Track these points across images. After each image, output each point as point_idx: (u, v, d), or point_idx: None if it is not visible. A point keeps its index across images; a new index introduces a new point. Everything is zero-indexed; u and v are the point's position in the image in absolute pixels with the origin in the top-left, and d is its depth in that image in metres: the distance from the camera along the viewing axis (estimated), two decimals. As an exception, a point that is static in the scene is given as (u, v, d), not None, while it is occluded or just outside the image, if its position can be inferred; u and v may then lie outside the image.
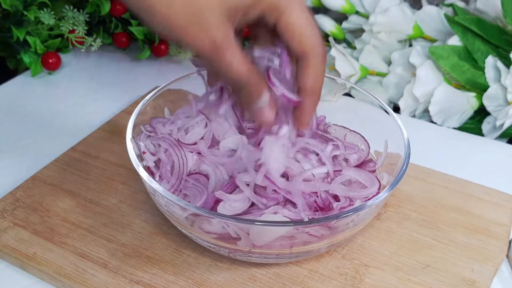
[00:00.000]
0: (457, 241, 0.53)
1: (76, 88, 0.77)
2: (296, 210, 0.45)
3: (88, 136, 0.64)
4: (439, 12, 0.76)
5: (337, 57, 0.72)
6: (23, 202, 0.55)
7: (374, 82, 0.77)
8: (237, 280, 0.48)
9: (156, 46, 0.80)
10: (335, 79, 0.61)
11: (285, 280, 0.48)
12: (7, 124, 0.69)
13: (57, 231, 0.52)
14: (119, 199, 0.56)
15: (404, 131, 0.51)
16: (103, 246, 0.50)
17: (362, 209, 0.44)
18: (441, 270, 0.50)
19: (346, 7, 0.77)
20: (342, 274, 0.49)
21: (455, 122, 0.72)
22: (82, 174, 0.58)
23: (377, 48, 0.76)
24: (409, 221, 0.54)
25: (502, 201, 0.57)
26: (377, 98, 0.55)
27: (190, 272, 0.48)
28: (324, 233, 0.45)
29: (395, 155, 0.51)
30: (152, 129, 0.53)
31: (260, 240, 0.43)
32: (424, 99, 0.72)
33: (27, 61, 0.76)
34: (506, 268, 0.53)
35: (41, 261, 0.49)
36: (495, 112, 0.70)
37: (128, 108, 0.69)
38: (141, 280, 0.47)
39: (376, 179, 0.49)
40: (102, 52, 0.84)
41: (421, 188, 0.58)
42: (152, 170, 0.51)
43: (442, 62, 0.71)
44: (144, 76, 0.79)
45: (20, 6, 0.72)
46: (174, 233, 0.52)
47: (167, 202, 0.45)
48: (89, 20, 0.78)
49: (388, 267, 0.50)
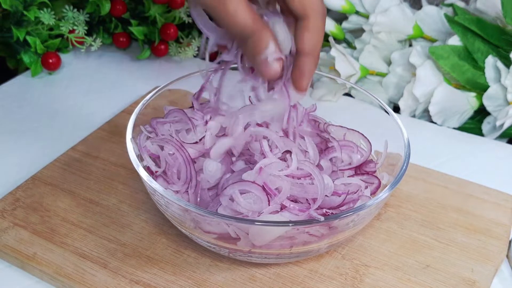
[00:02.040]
0: (457, 241, 0.53)
1: (76, 88, 0.77)
2: (296, 211, 0.45)
3: (88, 136, 0.64)
4: (439, 12, 0.76)
5: (337, 57, 0.72)
6: (23, 202, 0.55)
7: (374, 82, 0.77)
8: (237, 280, 0.48)
9: (156, 46, 0.80)
10: (335, 79, 0.61)
11: (285, 280, 0.48)
12: (7, 124, 0.69)
13: (57, 231, 0.52)
14: (119, 199, 0.56)
15: (404, 131, 0.51)
16: (103, 246, 0.50)
17: (362, 209, 0.44)
18: (441, 270, 0.50)
19: (346, 7, 0.77)
20: (342, 274, 0.49)
21: (455, 122, 0.72)
22: (82, 174, 0.59)
23: (377, 48, 0.76)
24: (409, 221, 0.55)
25: (502, 201, 0.57)
26: (377, 98, 0.55)
27: (190, 272, 0.48)
28: (324, 233, 0.45)
29: (395, 155, 0.51)
30: (152, 129, 0.53)
31: (259, 240, 0.43)
32: (424, 99, 0.72)
33: (27, 61, 0.76)
34: (506, 268, 0.53)
35: (41, 261, 0.49)
36: (495, 112, 0.70)
37: (128, 108, 0.69)
38: (141, 280, 0.47)
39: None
40: (102, 52, 0.84)
41: (421, 188, 0.58)
42: (152, 170, 0.51)
43: (442, 62, 0.71)
44: (144, 76, 0.79)
45: (20, 6, 0.72)
46: (174, 233, 0.52)
47: (167, 202, 0.45)
48: (89, 20, 0.78)
49: (388, 267, 0.50)
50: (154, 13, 0.78)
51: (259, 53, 0.42)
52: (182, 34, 0.81)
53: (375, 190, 0.50)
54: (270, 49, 0.42)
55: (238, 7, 0.40)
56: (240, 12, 0.40)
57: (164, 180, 0.49)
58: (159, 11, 0.78)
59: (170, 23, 0.78)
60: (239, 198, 0.44)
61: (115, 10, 0.78)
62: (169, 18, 0.79)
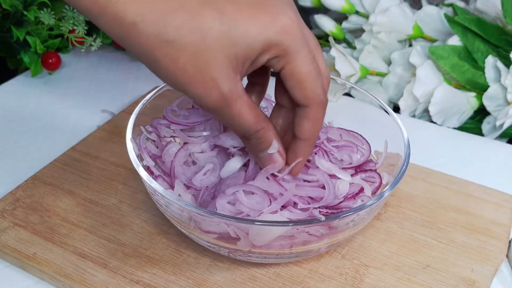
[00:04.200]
0: (457, 241, 0.53)
1: (76, 88, 0.77)
2: (296, 211, 0.45)
3: (88, 136, 0.64)
4: (439, 12, 0.76)
5: (337, 57, 0.72)
6: (23, 202, 0.55)
7: (374, 82, 0.77)
8: (237, 280, 0.48)
9: (156, 46, 0.80)
10: (335, 79, 0.61)
11: (285, 280, 0.48)
12: (7, 124, 0.69)
13: (57, 231, 0.52)
14: (119, 199, 0.56)
15: (404, 131, 0.51)
16: (103, 246, 0.50)
17: (362, 209, 0.44)
18: (441, 270, 0.50)
19: (346, 7, 0.77)
20: (342, 274, 0.49)
21: (455, 122, 0.72)
22: (82, 174, 0.59)
23: (377, 48, 0.76)
24: (409, 221, 0.54)
25: (502, 201, 0.57)
26: (377, 98, 0.55)
27: (190, 272, 0.48)
28: (324, 233, 0.45)
29: (395, 155, 0.51)
30: (153, 129, 0.53)
31: (259, 240, 0.43)
32: (424, 99, 0.72)
33: (27, 61, 0.76)
34: (506, 268, 0.53)
35: (41, 261, 0.49)
36: (495, 112, 0.70)
37: (128, 108, 0.69)
38: (141, 280, 0.47)
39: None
40: (102, 52, 0.84)
41: (421, 188, 0.58)
42: (152, 170, 0.51)
43: (442, 62, 0.71)
44: (144, 76, 0.79)
45: (20, 6, 0.72)
46: (174, 233, 0.52)
47: (167, 202, 0.45)
48: (89, 20, 0.78)
49: (388, 267, 0.50)
50: (154, 13, 0.78)
51: (262, 150, 0.43)
52: (182, 34, 0.81)
53: (375, 190, 0.50)
54: (273, 145, 0.43)
55: (242, 108, 0.39)
56: (244, 113, 0.40)
57: (164, 180, 0.49)
58: (159, 11, 0.78)
59: (170, 23, 0.78)
60: (242, 197, 0.44)
61: (115, 10, 0.78)
62: (169, 18, 0.79)
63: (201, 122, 0.51)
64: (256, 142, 0.43)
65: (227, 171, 0.47)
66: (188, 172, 0.49)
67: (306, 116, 0.42)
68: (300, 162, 0.45)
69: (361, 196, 0.48)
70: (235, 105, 0.39)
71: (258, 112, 0.41)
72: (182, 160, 0.50)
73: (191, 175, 0.49)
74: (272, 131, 0.43)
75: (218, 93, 0.38)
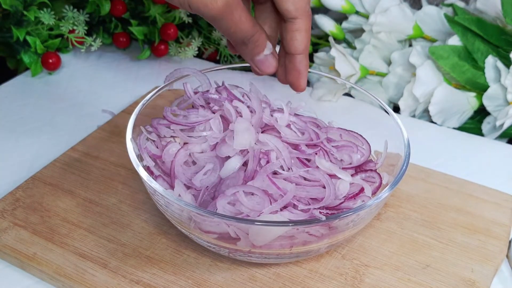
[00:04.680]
0: (457, 241, 0.53)
1: (76, 88, 0.77)
2: (296, 211, 0.45)
3: (88, 136, 0.64)
4: (439, 12, 0.76)
5: (337, 57, 0.72)
6: (23, 202, 0.55)
7: (374, 82, 0.77)
8: (237, 280, 0.48)
9: (156, 46, 0.80)
10: (335, 79, 0.61)
11: (285, 280, 0.48)
12: (7, 124, 0.69)
13: (57, 231, 0.52)
14: (119, 199, 0.56)
15: (404, 131, 0.51)
16: (103, 246, 0.50)
17: (362, 209, 0.44)
18: (441, 270, 0.50)
19: (346, 7, 0.77)
20: (342, 274, 0.49)
21: (455, 122, 0.72)
22: (82, 174, 0.59)
23: (377, 48, 0.76)
24: (409, 221, 0.55)
25: (502, 201, 0.57)
26: (377, 98, 0.55)
27: (190, 272, 0.48)
28: (324, 233, 0.45)
29: (395, 155, 0.51)
30: (153, 129, 0.53)
31: (259, 240, 0.43)
32: (424, 99, 0.72)
33: (27, 61, 0.76)
34: (506, 268, 0.53)
35: (41, 261, 0.49)
36: (495, 112, 0.70)
37: (128, 108, 0.69)
38: (141, 280, 0.47)
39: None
40: (102, 52, 0.84)
41: (421, 188, 0.58)
42: (152, 170, 0.51)
43: (442, 62, 0.71)
44: (144, 76, 0.79)
45: (20, 6, 0.72)
46: (174, 233, 0.52)
47: (167, 202, 0.45)
48: (89, 20, 0.78)
49: (388, 267, 0.50)
50: (154, 13, 0.78)
51: (259, 53, 0.47)
52: (182, 34, 0.81)
53: (375, 190, 0.50)
54: (267, 47, 0.47)
55: (242, 14, 0.44)
56: (244, 19, 0.44)
57: (164, 180, 0.49)
58: (159, 11, 0.78)
59: (170, 23, 0.78)
60: (243, 198, 0.44)
61: (115, 10, 0.78)
62: (169, 18, 0.79)
63: (201, 122, 0.51)
64: (253, 46, 0.47)
65: (227, 171, 0.47)
66: (188, 172, 0.49)
67: (298, 29, 0.46)
68: (305, 76, 0.49)
69: (361, 196, 0.48)
70: (236, 12, 0.43)
71: (252, 17, 0.45)
72: (182, 160, 0.50)
73: (191, 175, 0.49)
74: (264, 34, 0.47)
75: (223, 2, 0.42)
